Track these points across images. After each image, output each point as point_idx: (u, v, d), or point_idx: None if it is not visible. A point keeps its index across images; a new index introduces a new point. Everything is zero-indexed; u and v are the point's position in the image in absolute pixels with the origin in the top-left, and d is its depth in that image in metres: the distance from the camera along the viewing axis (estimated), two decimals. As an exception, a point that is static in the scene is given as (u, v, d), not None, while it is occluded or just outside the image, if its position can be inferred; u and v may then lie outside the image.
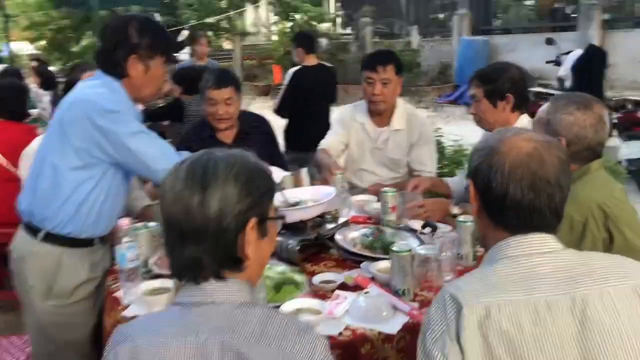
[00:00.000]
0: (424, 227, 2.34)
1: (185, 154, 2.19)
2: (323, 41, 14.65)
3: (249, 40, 18.15)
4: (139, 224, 2.19)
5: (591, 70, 6.67)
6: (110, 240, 2.24)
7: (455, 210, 2.49)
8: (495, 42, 12.67)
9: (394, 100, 3.10)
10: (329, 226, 2.35)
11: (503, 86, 2.49)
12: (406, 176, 3.14)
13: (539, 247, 1.23)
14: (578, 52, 6.95)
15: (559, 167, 1.25)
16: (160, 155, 2.06)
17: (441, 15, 14.82)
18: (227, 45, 17.90)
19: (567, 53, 7.27)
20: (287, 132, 5.06)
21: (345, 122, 3.24)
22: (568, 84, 6.86)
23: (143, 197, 2.70)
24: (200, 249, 1.14)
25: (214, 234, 1.14)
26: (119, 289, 1.99)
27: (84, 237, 2.10)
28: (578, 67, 6.73)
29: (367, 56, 3.17)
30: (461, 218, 2.12)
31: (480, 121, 2.59)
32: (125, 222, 1.95)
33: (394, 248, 1.83)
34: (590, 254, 1.26)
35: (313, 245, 2.21)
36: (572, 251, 1.25)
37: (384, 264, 2.00)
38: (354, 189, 3.03)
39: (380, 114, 3.13)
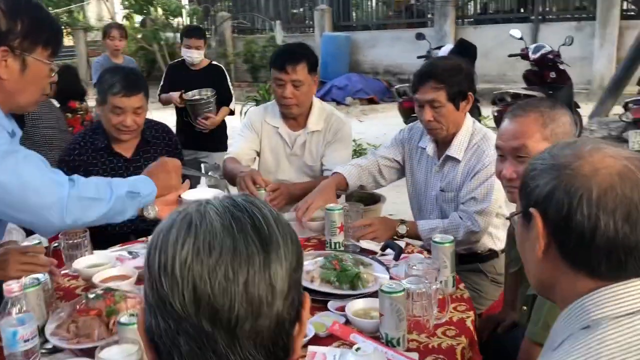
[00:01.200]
0: (383, 249, 2.02)
1: (80, 179, 1.65)
2: (179, 36, 13.85)
3: (93, 35, 16.63)
4: (27, 279, 1.61)
5: (463, 64, 6.80)
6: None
7: (402, 229, 2.20)
8: (356, 38, 12.79)
9: (309, 102, 2.74)
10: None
11: (465, 85, 2.22)
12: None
13: None
14: (449, 47, 7.09)
15: None
16: (47, 183, 1.48)
17: (301, 10, 14.65)
18: (68, 41, 16.22)
19: (439, 48, 7.40)
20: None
21: (256, 125, 2.83)
22: (441, 78, 6.96)
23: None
24: (258, 348, 0.70)
25: (277, 320, 0.71)
26: (5, 376, 1.42)
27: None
28: (450, 62, 6.83)
29: (275, 53, 2.75)
30: (437, 238, 1.82)
31: (437, 129, 2.25)
32: (14, 287, 1.38)
33: (385, 288, 1.47)
34: None
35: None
36: None
37: (360, 305, 1.64)
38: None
39: (294, 118, 2.76)
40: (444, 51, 7.05)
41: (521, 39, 6.51)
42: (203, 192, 2.11)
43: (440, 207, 2.38)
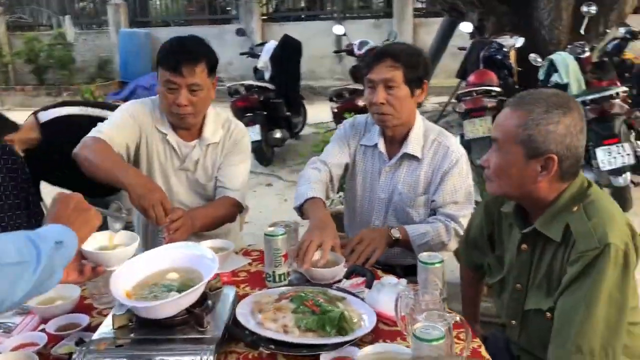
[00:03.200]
0: (347, 275, 1.72)
1: None
2: None
3: None
4: None
5: (289, 59, 6.70)
6: None
7: (396, 232, 1.96)
8: (158, 35, 11.94)
9: (207, 109, 2.27)
10: (219, 305, 1.51)
11: (422, 71, 2.03)
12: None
13: None
14: (273, 43, 6.90)
15: None
16: None
17: (91, 4, 13.30)
18: None
19: (262, 44, 7.18)
20: None
21: (143, 123, 2.23)
22: (267, 74, 6.77)
23: None
24: None
25: None
26: None
27: None
28: (277, 57, 6.68)
29: (165, 49, 2.14)
30: (424, 258, 1.57)
31: (388, 114, 2.03)
32: None
33: (421, 335, 1.18)
34: None
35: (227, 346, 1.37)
36: None
37: (369, 354, 1.33)
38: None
39: (187, 128, 2.28)
40: (269, 47, 6.84)
41: (344, 35, 6.59)
42: (105, 237, 1.57)
43: (394, 212, 2.14)
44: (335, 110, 5.68)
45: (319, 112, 9.13)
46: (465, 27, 6.02)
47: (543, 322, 1.52)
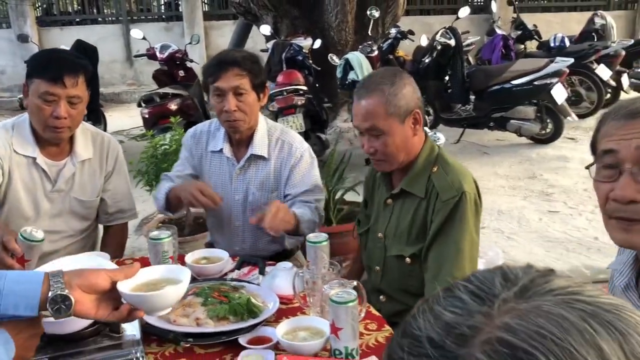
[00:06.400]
0: (239, 266, 1.82)
1: None
2: None
3: None
4: None
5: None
6: None
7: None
8: None
9: (80, 123, 2.18)
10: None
11: (264, 76, 2.16)
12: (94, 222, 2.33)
13: None
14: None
15: None
16: None
17: None
18: None
19: (51, 50, 6.64)
20: None
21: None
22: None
23: None
24: None
25: None
26: None
27: None
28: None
29: (43, 59, 2.06)
30: (312, 238, 1.74)
31: (240, 120, 2.10)
32: None
33: (338, 299, 1.36)
34: None
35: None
36: None
37: (283, 329, 1.46)
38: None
39: (58, 144, 2.17)
40: (60, 54, 6.38)
41: (144, 39, 6.42)
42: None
43: (252, 211, 2.22)
44: (147, 115, 5.54)
45: (116, 120, 8.74)
46: (265, 29, 6.29)
47: (403, 267, 1.83)
